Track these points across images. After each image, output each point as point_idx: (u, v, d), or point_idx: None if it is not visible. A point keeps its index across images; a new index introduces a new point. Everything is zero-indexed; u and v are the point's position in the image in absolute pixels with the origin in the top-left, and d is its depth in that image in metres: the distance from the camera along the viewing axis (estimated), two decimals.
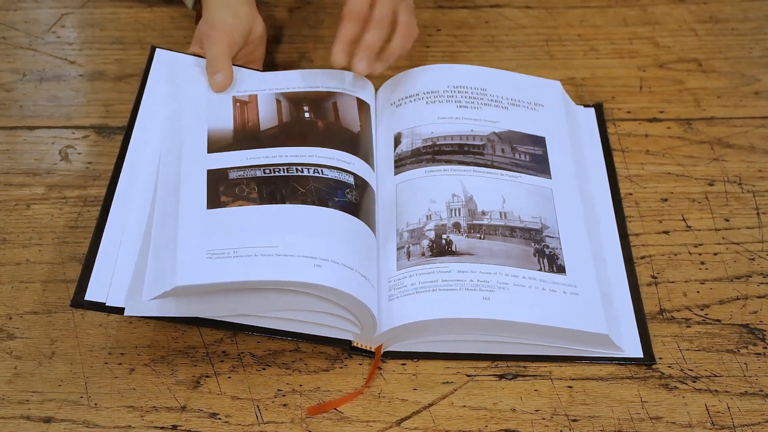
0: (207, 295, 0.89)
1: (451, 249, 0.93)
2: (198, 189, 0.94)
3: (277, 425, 0.86)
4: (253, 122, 1.02)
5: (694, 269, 0.98)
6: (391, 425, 0.86)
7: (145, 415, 0.87)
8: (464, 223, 0.95)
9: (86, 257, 0.91)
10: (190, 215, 0.92)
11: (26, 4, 1.28)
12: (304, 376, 0.90)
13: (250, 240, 0.89)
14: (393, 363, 0.91)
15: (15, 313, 0.94)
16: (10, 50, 1.22)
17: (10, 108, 1.14)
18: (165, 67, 1.06)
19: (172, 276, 0.86)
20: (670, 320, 0.94)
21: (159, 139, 1.00)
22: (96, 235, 0.93)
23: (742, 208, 1.03)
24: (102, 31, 1.25)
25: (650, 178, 1.07)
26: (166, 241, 0.90)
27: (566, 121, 1.07)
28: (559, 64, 1.20)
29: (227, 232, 0.90)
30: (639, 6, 1.28)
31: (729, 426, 0.86)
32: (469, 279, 0.91)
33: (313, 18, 1.27)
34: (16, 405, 0.87)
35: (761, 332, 0.93)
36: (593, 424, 0.86)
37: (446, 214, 0.96)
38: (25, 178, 1.07)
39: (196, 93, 1.04)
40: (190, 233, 0.90)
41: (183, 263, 0.87)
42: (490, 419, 0.87)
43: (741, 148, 1.10)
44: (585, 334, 0.89)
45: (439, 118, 1.05)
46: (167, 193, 0.94)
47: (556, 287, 0.91)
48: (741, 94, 1.16)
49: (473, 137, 1.03)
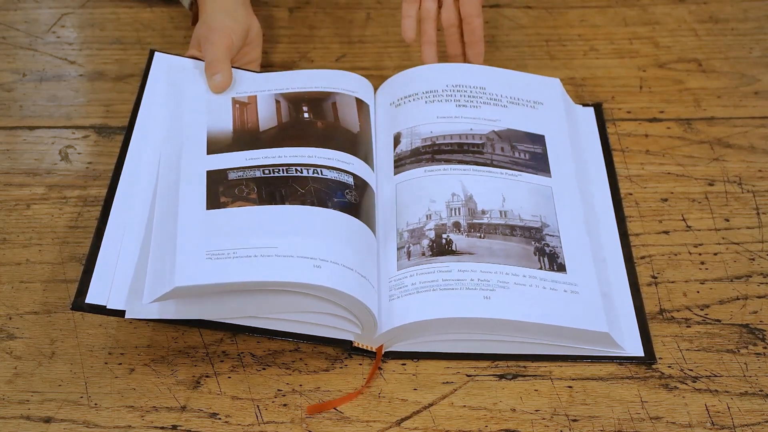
0: (207, 297, 0.89)
1: (451, 248, 0.93)
2: (197, 190, 0.94)
3: (277, 425, 0.86)
4: (253, 123, 1.02)
5: (694, 269, 0.98)
6: (391, 425, 0.86)
7: (145, 415, 0.87)
8: (464, 222, 0.95)
9: (87, 260, 0.91)
10: (189, 216, 0.92)
11: (26, 4, 1.28)
12: (304, 376, 0.90)
13: (250, 240, 0.89)
14: (393, 363, 0.91)
15: (15, 313, 0.94)
16: (10, 50, 1.22)
17: (10, 108, 1.14)
18: (164, 70, 1.06)
19: (171, 277, 0.86)
20: (670, 320, 0.94)
21: (159, 141, 1.00)
22: (96, 238, 0.93)
23: (742, 208, 1.03)
24: (102, 31, 1.25)
25: (650, 178, 1.07)
26: (165, 243, 0.90)
27: (566, 120, 1.07)
28: (559, 64, 1.20)
29: (227, 232, 0.90)
30: (639, 6, 1.28)
31: (729, 426, 0.86)
32: (469, 278, 0.91)
33: (313, 18, 1.27)
34: (16, 405, 0.87)
35: (761, 332, 0.93)
36: (593, 424, 0.86)
37: (446, 214, 0.96)
38: (25, 178, 1.07)
39: (196, 94, 1.04)
40: (189, 234, 0.90)
41: (182, 264, 0.87)
42: (490, 419, 0.87)
43: (741, 148, 1.10)
44: (586, 333, 0.89)
45: (438, 118, 1.05)
46: (167, 195, 0.94)
47: (556, 286, 0.91)
48: (741, 94, 1.16)
49: (473, 136, 1.03)
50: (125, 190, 0.97)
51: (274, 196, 0.94)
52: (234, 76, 1.05)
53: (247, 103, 1.04)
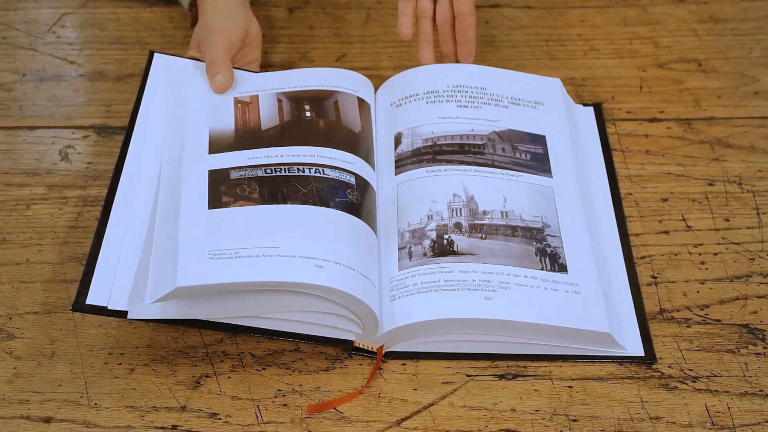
0: (209, 297, 0.89)
1: (452, 249, 0.93)
2: (199, 189, 0.94)
3: (277, 425, 0.86)
4: (254, 122, 1.02)
5: (694, 269, 0.98)
6: (391, 425, 0.86)
7: (145, 415, 0.87)
8: (466, 223, 0.95)
9: (87, 260, 0.91)
10: (191, 216, 0.92)
11: (26, 4, 1.28)
12: (304, 376, 0.90)
13: (252, 240, 0.89)
14: (393, 363, 0.91)
15: (15, 313, 0.94)
16: (10, 50, 1.22)
17: (10, 108, 1.14)
18: (163, 71, 1.06)
19: (173, 277, 0.86)
20: (670, 320, 0.94)
21: (159, 141, 1.00)
22: (96, 238, 0.93)
23: (742, 208, 1.04)
24: (102, 31, 1.25)
25: (650, 178, 1.07)
26: (167, 243, 0.90)
27: (567, 120, 1.07)
28: (559, 64, 1.20)
29: (228, 232, 0.90)
30: (639, 6, 1.28)
31: (729, 426, 0.86)
32: (470, 279, 0.91)
33: (313, 18, 1.27)
34: (16, 405, 0.87)
35: (761, 332, 0.93)
36: (593, 424, 0.86)
37: (447, 214, 0.96)
38: (25, 178, 1.07)
39: (197, 94, 1.04)
40: (191, 234, 0.90)
41: (184, 264, 0.87)
42: (490, 419, 0.87)
43: (741, 148, 1.10)
44: (587, 333, 0.89)
45: (440, 118, 1.05)
46: (169, 194, 0.94)
47: (558, 286, 0.91)
48: (741, 94, 1.16)
49: (474, 137, 1.03)
50: (125, 190, 0.97)
51: (275, 196, 0.94)
52: (236, 76, 1.05)
53: (249, 103, 1.04)
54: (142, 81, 1.05)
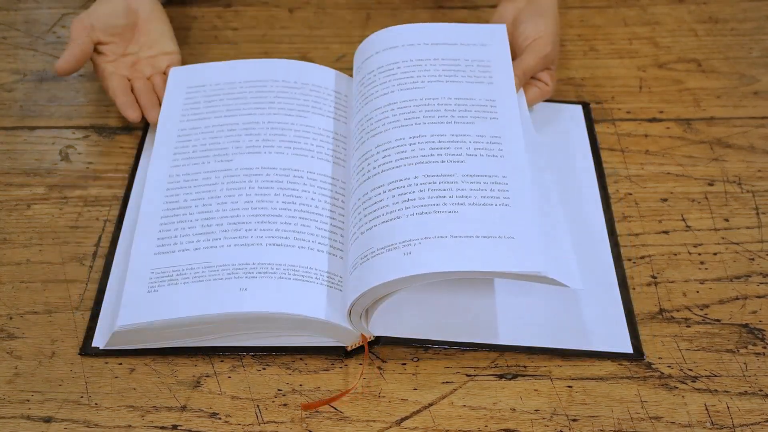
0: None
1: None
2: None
3: (277, 425, 0.86)
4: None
5: (693, 269, 0.98)
6: (391, 425, 0.86)
7: (146, 415, 0.87)
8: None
9: (93, 305, 0.94)
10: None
11: (26, 4, 1.29)
12: (304, 376, 0.90)
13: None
14: (393, 363, 0.91)
15: (15, 313, 0.94)
16: (10, 50, 1.22)
17: (10, 108, 1.14)
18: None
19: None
20: (669, 320, 0.94)
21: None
22: (104, 276, 0.96)
23: (741, 208, 1.04)
24: None
25: (650, 178, 1.07)
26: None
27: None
28: (558, 64, 1.20)
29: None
30: (639, 6, 1.28)
31: (728, 426, 0.86)
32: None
33: (313, 18, 1.27)
34: (16, 405, 0.87)
35: (761, 332, 0.93)
36: (593, 423, 0.86)
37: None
38: (26, 178, 1.07)
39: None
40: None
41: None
42: (490, 419, 0.87)
43: (741, 148, 1.10)
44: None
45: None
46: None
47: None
48: (741, 94, 1.16)
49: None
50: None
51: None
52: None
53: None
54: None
